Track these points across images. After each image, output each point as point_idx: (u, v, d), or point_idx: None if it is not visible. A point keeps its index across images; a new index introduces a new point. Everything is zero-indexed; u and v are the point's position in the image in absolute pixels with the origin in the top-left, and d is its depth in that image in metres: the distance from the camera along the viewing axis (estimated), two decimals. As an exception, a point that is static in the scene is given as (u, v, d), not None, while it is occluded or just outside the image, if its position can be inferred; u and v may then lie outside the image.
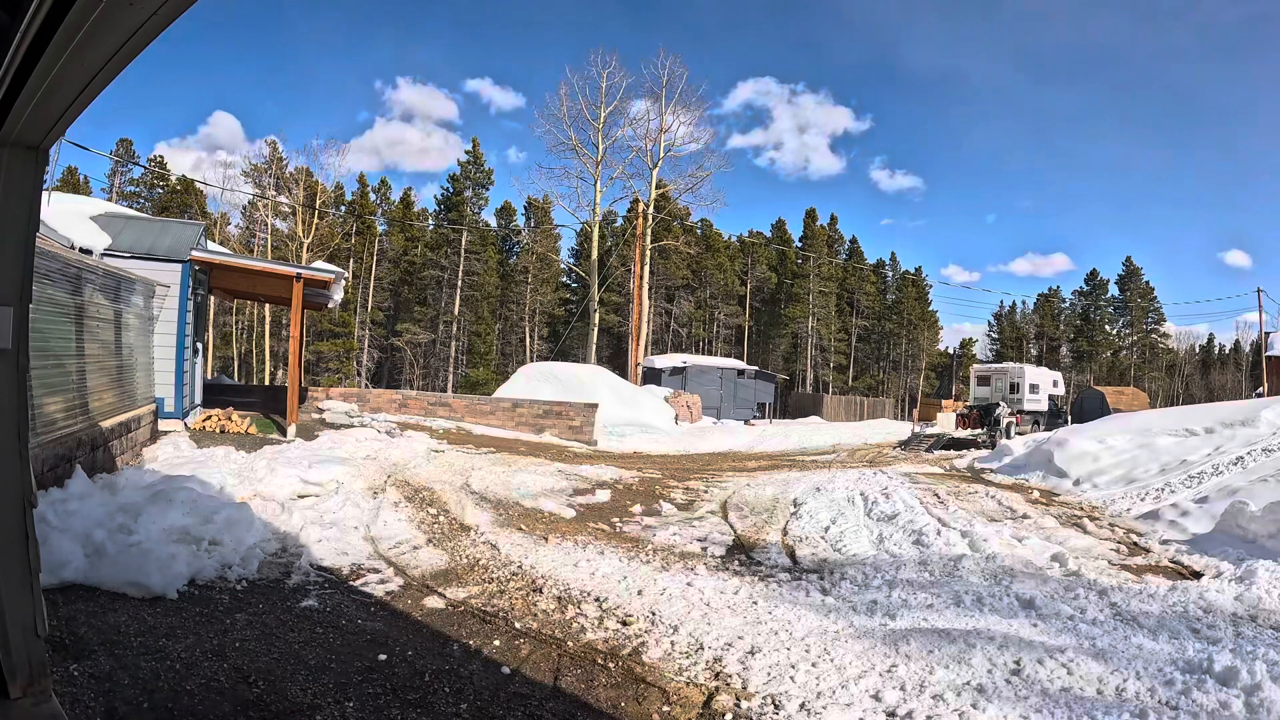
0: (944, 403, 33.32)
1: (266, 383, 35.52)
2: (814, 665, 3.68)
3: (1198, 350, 65.24)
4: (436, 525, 6.59)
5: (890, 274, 59.62)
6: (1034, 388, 22.01)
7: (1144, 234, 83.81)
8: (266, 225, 40.59)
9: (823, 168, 77.13)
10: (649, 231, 33.57)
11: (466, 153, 48.59)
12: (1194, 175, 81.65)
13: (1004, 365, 24.05)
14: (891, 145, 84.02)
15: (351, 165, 73.52)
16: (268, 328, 38.53)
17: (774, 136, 79.20)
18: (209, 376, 17.30)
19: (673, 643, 4.03)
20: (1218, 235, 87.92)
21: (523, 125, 73.53)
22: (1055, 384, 23.47)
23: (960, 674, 3.53)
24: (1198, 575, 5.48)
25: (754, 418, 29.55)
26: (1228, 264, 78.89)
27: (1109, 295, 60.01)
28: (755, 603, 4.71)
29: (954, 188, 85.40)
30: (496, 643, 3.94)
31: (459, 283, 45.78)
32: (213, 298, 17.31)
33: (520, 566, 5.45)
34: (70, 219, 9.52)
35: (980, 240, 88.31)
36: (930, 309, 58.70)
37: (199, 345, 11.68)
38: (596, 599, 4.77)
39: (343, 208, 45.57)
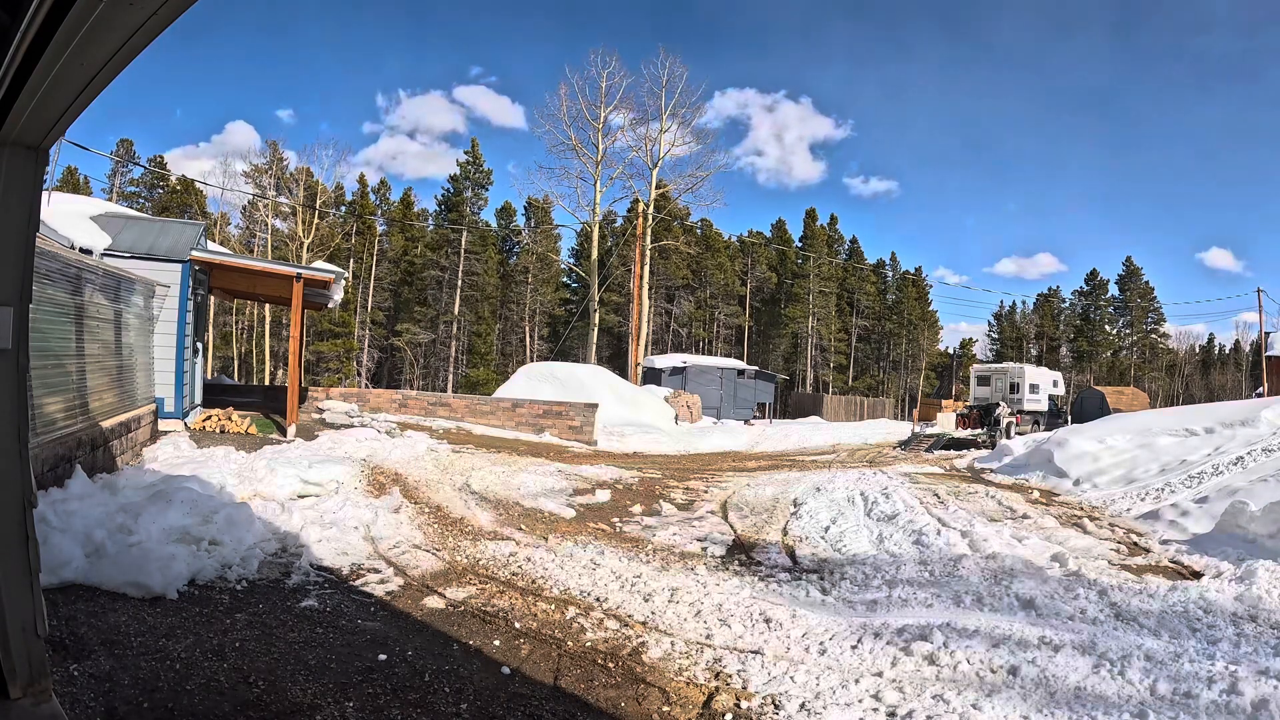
0: (944, 403, 33.35)
1: (266, 383, 35.52)
2: (814, 665, 3.68)
3: (1198, 350, 65.24)
4: (436, 525, 6.59)
5: (890, 274, 59.63)
6: (1034, 388, 22.01)
7: (1126, 234, 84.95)
8: (266, 225, 40.61)
9: (817, 172, 77.40)
10: (649, 231, 33.57)
11: (466, 153, 48.60)
12: (1174, 176, 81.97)
13: (1004, 365, 24.04)
14: (878, 151, 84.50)
15: (352, 169, 73.88)
16: (268, 328, 38.54)
17: (766, 145, 79.16)
18: (209, 376, 17.31)
19: (672, 642, 4.03)
20: (1197, 235, 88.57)
21: (518, 143, 73.66)
22: (1055, 384, 23.47)
23: (962, 673, 3.53)
24: (1198, 575, 5.48)
25: (754, 418, 29.55)
26: (1208, 264, 79.39)
27: (1109, 295, 60.03)
28: (755, 602, 4.71)
29: (936, 191, 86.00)
30: (496, 643, 3.94)
31: (459, 283, 45.78)
32: (213, 298, 17.32)
33: (520, 567, 5.45)
34: (70, 219, 9.51)
35: (965, 242, 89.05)
36: (930, 309, 58.73)
37: (199, 345, 11.68)
38: (596, 599, 4.77)
39: (343, 208, 45.58)
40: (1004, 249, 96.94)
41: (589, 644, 4.01)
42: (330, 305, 14.71)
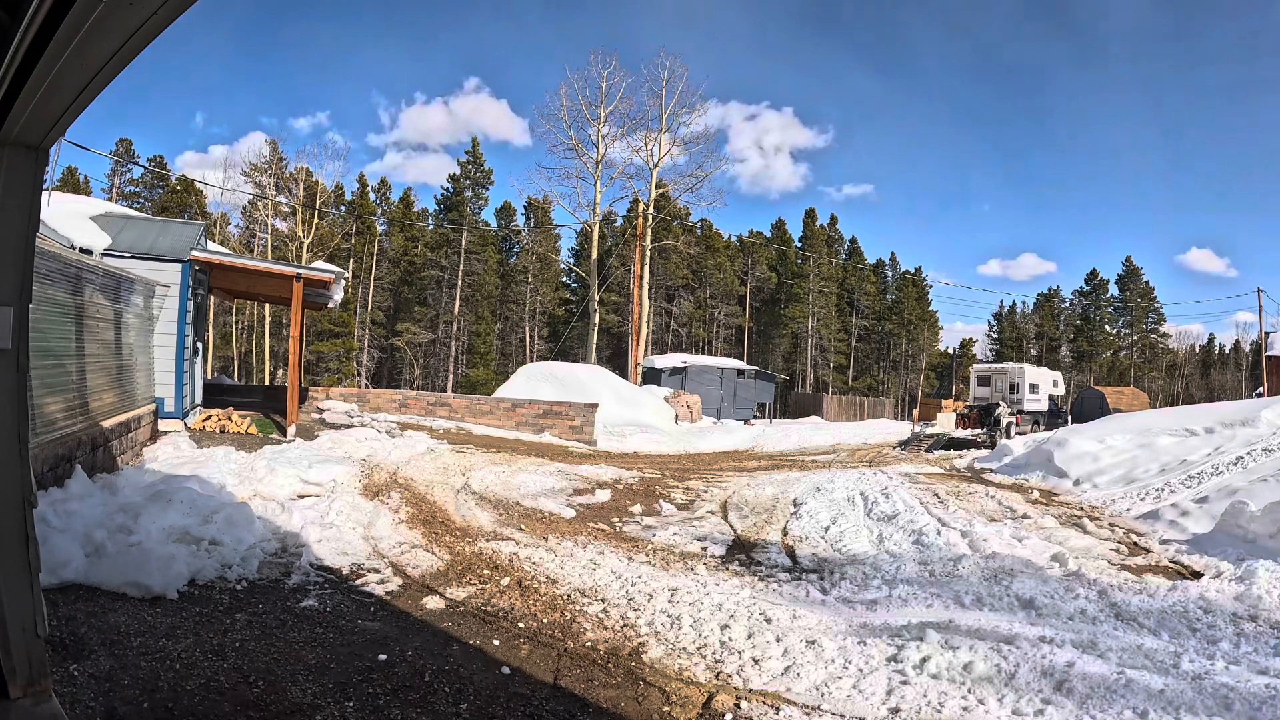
0: (944, 403, 33.36)
1: (266, 383, 35.51)
2: (814, 664, 3.68)
3: (1197, 350, 65.25)
4: (436, 525, 6.59)
5: (890, 274, 59.63)
6: (1034, 388, 22.02)
7: (1107, 234, 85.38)
8: (266, 225, 40.60)
9: (815, 173, 77.65)
10: (649, 231, 33.56)
11: (467, 153, 48.59)
12: (1151, 178, 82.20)
13: (1004, 365, 24.04)
14: (874, 154, 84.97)
15: (353, 169, 74.23)
16: (268, 328, 38.53)
17: (764, 147, 78.68)
18: (209, 376, 17.29)
19: (673, 642, 4.03)
20: (1177, 237, 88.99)
21: (515, 159, 73.88)
22: (1055, 384, 23.47)
23: (962, 672, 3.53)
24: (1198, 575, 5.48)
25: (754, 418, 29.55)
26: (1190, 266, 79.63)
27: (1109, 295, 60.04)
28: (755, 602, 4.70)
29: (929, 193, 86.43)
30: (496, 643, 3.94)
31: (459, 283, 45.78)
32: (213, 298, 17.31)
33: (520, 566, 5.45)
34: (70, 219, 9.51)
35: (956, 243, 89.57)
36: (930, 309, 58.74)
37: (199, 345, 11.67)
38: (596, 599, 4.77)
39: (343, 208, 45.57)
40: (992, 250, 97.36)
41: (589, 644, 4.01)
42: (330, 305, 14.71)
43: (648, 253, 33.64)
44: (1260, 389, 33.85)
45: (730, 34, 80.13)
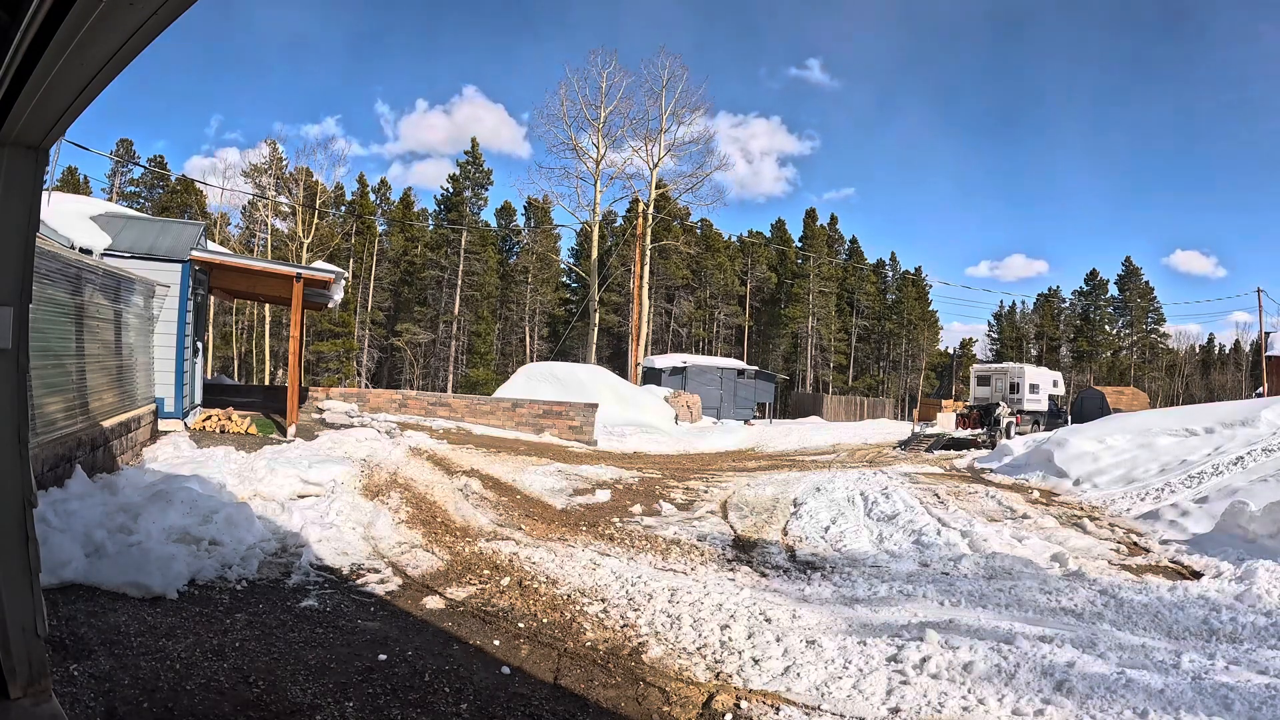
0: (944, 403, 33.35)
1: (266, 383, 35.51)
2: (814, 663, 3.68)
3: (1197, 350, 65.25)
4: (436, 525, 6.59)
5: (890, 274, 59.63)
6: (1034, 388, 22.01)
7: (1097, 236, 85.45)
8: (266, 225, 40.61)
9: (815, 173, 77.45)
10: (649, 231, 33.57)
11: (466, 153, 48.56)
12: (1135, 180, 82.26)
13: (1004, 365, 24.03)
14: (870, 155, 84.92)
15: (353, 170, 74.35)
16: (268, 328, 38.53)
17: (763, 149, 78.35)
18: (209, 376, 17.29)
19: (673, 642, 4.03)
20: (1164, 240, 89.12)
21: (510, 165, 73.90)
22: (1055, 384, 23.46)
23: (962, 672, 3.52)
24: (1198, 575, 5.48)
25: (754, 418, 29.54)
26: (1178, 268, 79.58)
27: (1108, 295, 60.05)
28: (755, 602, 4.70)
29: (923, 194, 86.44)
30: (496, 642, 3.94)
31: (459, 283, 45.77)
32: (213, 298, 17.31)
33: (520, 567, 5.45)
34: (70, 219, 9.51)
35: (951, 243, 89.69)
36: (930, 309, 58.73)
37: (199, 345, 11.67)
38: (596, 599, 4.77)
39: (343, 208, 45.57)
40: (982, 250, 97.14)
41: (589, 644, 4.01)
42: (330, 305, 14.70)
43: (648, 253, 33.66)
44: (1260, 389, 33.86)
45: (720, 40, 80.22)
